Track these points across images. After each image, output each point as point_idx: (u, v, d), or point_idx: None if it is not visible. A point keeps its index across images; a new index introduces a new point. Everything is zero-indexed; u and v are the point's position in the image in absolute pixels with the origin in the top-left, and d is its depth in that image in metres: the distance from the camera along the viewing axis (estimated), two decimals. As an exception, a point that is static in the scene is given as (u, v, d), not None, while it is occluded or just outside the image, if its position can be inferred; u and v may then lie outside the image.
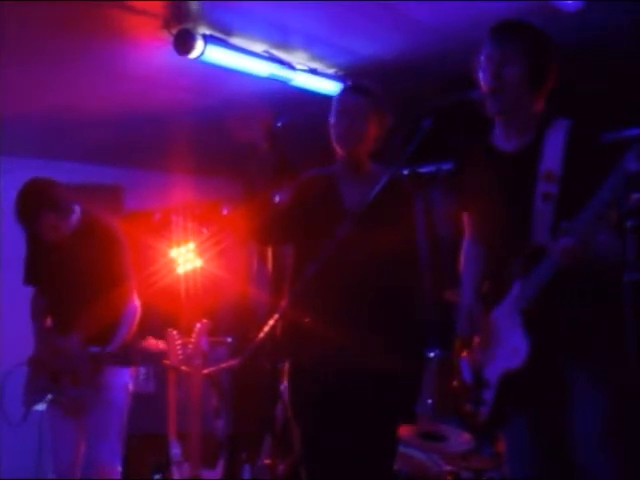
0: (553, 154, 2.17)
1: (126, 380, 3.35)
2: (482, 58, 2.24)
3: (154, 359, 3.46)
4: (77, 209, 3.31)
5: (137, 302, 3.41)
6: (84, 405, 3.24)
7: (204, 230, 4.74)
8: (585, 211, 1.99)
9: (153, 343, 3.48)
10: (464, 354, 2.37)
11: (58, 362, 3.21)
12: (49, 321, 3.42)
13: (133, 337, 3.36)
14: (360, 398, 2.58)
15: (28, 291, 3.47)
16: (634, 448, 2.11)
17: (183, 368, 3.67)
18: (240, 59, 3.53)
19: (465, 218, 2.51)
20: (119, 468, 3.27)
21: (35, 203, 3.19)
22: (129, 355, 3.23)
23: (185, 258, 4.55)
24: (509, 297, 2.21)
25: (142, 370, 4.16)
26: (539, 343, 2.11)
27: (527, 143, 2.25)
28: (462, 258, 2.53)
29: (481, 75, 2.24)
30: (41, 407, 3.30)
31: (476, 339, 2.32)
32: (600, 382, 2.14)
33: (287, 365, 2.79)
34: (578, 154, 2.14)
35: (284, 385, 2.87)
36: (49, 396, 3.26)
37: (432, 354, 3.80)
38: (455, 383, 2.39)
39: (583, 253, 2.01)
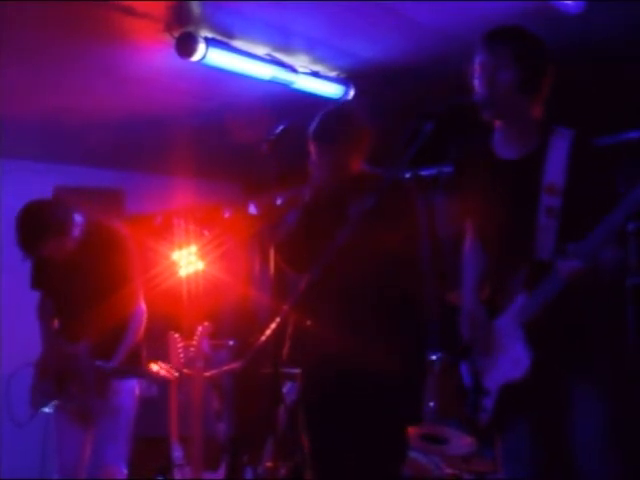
0: (556, 166, 2.15)
1: (133, 385, 3.35)
2: (475, 65, 2.23)
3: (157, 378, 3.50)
4: (78, 219, 3.26)
5: (144, 305, 3.39)
6: (91, 413, 3.25)
7: (205, 233, 4.75)
8: (593, 235, 1.99)
9: (157, 369, 3.48)
10: (464, 358, 2.37)
11: (65, 368, 3.21)
12: (56, 323, 3.41)
13: (140, 343, 3.36)
14: (361, 401, 2.57)
15: (31, 293, 3.45)
16: (635, 456, 2.11)
17: (185, 371, 3.67)
18: (242, 62, 3.53)
19: (467, 222, 2.50)
20: (125, 470, 3.26)
21: (36, 231, 3.11)
22: (134, 369, 3.27)
23: (187, 261, 4.56)
24: (512, 308, 2.20)
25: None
26: (541, 355, 2.11)
27: (529, 151, 2.22)
28: (463, 261, 2.51)
29: (475, 82, 2.22)
30: (47, 409, 3.29)
31: (477, 345, 2.32)
32: (602, 391, 2.13)
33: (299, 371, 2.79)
34: (581, 168, 2.13)
35: (286, 388, 2.87)
36: (56, 402, 3.26)
37: (434, 357, 3.78)
38: (455, 385, 2.39)
39: (590, 275, 2.01)
